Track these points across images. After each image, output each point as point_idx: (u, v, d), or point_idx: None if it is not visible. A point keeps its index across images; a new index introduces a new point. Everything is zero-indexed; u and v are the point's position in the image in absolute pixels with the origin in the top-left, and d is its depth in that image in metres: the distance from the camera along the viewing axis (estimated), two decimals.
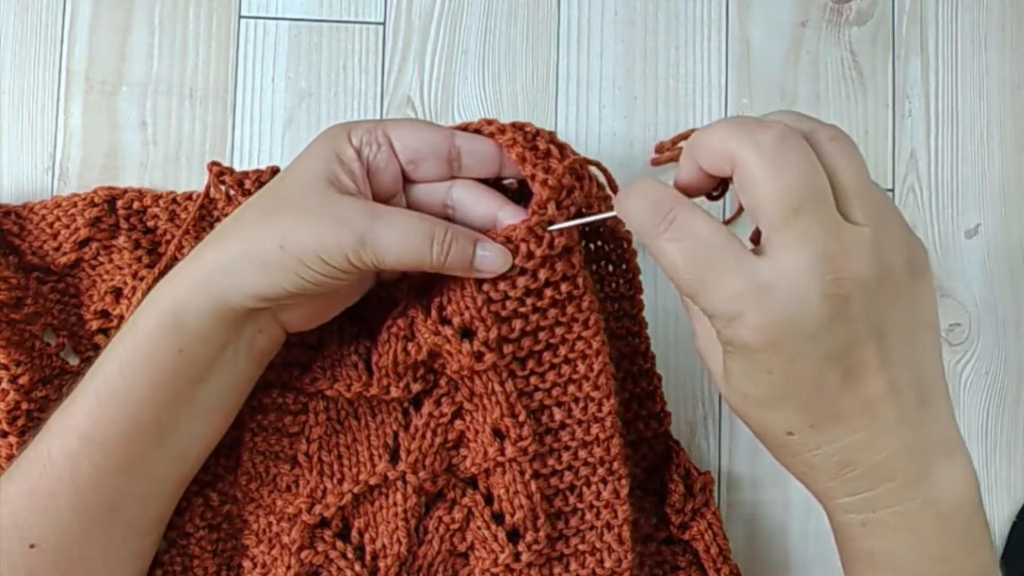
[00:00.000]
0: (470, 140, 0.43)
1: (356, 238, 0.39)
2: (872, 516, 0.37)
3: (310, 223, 0.39)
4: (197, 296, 0.40)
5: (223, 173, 0.48)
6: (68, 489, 0.40)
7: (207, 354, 0.41)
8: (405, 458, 0.46)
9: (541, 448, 0.46)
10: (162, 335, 0.40)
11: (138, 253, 0.50)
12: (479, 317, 0.43)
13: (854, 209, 0.34)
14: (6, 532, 0.40)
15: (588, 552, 0.48)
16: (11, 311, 0.49)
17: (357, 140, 0.42)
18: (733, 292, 0.34)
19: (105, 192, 0.51)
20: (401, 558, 0.46)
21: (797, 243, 0.33)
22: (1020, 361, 0.56)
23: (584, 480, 0.47)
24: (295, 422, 0.47)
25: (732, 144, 0.34)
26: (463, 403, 0.46)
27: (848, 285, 0.34)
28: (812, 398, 0.35)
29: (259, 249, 0.40)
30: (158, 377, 0.41)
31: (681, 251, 0.35)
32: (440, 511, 0.47)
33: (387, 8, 0.55)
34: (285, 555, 0.46)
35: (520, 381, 0.45)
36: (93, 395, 0.41)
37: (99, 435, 0.40)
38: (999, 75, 0.58)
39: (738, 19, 0.57)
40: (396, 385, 0.45)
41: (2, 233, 0.51)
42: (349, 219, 0.39)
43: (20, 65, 0.53)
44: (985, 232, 0.57)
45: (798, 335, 0.34)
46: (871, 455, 0.36)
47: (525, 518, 0.46)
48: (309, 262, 0.39)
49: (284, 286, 0.40)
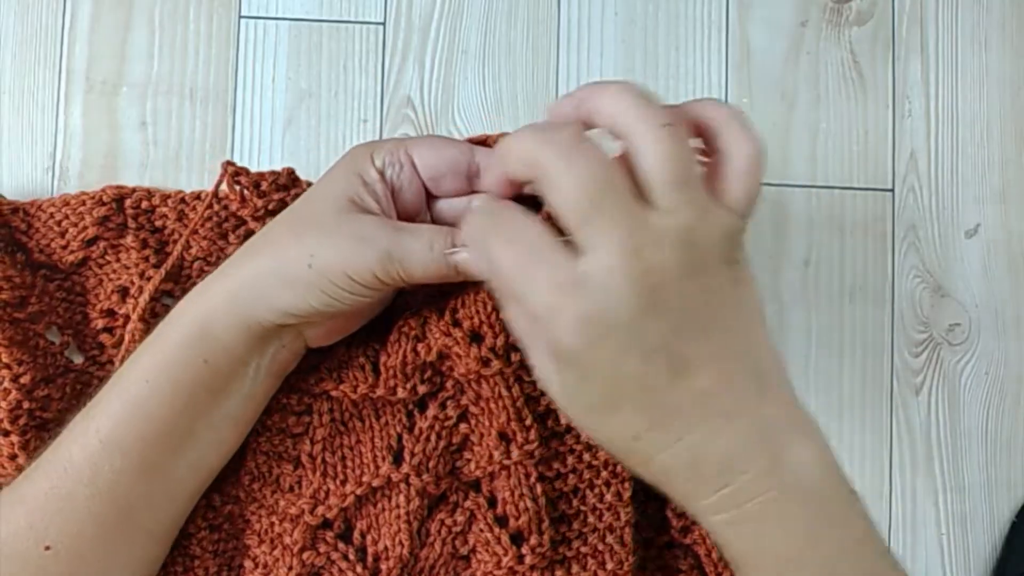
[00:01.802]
0: (490, 156, 0.43)
1: (381, 255, 0.40)
2: (737, 513, 0.37)
3: (337, 243, 0.40)
4: (225, 310, 0.41)
5: (239, 173, 0.48)
6: (86, 491, 0.41)
7: (230, 367, 0.42)
8: (409, 460, 0.46)
9: (547, 452, 0.47)
10: (188, 345, 0.42)
11: (145, 252, 0.50)
12: (488, 323, 0.44)
13: (660, 198, 0.34)
14: (22, 533, 0.41)
15: (590, 555, 0.48)
16: (15, 310, 0.49)
17: (380, 161, 0.42)
18: (550, 286, 0.34)
19: (113, 191, 0.51)
20: (403, 560, 0.46)
21: (600, 238, 0.33)
22: (1020, 361, 0.56)
23: (588, 483, 0.47)
24: (299, 423, 0.47)
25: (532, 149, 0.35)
26: (468, 406, 0.47)
27: (658, 276, 0.33)
28: (645, 398, 0.35)
29: (288, 267, 0.41)
30: (181, 385, 0.42)
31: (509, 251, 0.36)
32: (442, 514, 0.47)
33: (387, 8, 0.55)
34: (287, 556, 0.46)
35: (527, 386, 0.46)
36: (116, 400, 0.42)
37: (119, 438, 0.41)
38: (999, 75, 0.58)
39: (738, 19, 0.57)
40: (403, 386, 0.46)
41: (10, 230, 0.51)
42: (373, 237, 0.40)
43: (20, 65, 0.53)
44: (985, 232, 0.57)
45: (614, 330, 0.34)
46: (717, 449, 0.36)
47: (530, 521, 0.46)
48: (336, 280, 0.40)
49: (311, 303, 0.41)
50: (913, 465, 0.56)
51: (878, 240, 0.56)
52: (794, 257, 0.56)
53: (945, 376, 0.56)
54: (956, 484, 0.56)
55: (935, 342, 0.56)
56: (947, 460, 0.56)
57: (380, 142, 0.44)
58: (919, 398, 0.56)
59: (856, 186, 0.57)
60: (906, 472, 0.55)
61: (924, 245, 0.57)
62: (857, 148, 0.57)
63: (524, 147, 0.35)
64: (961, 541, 0.55)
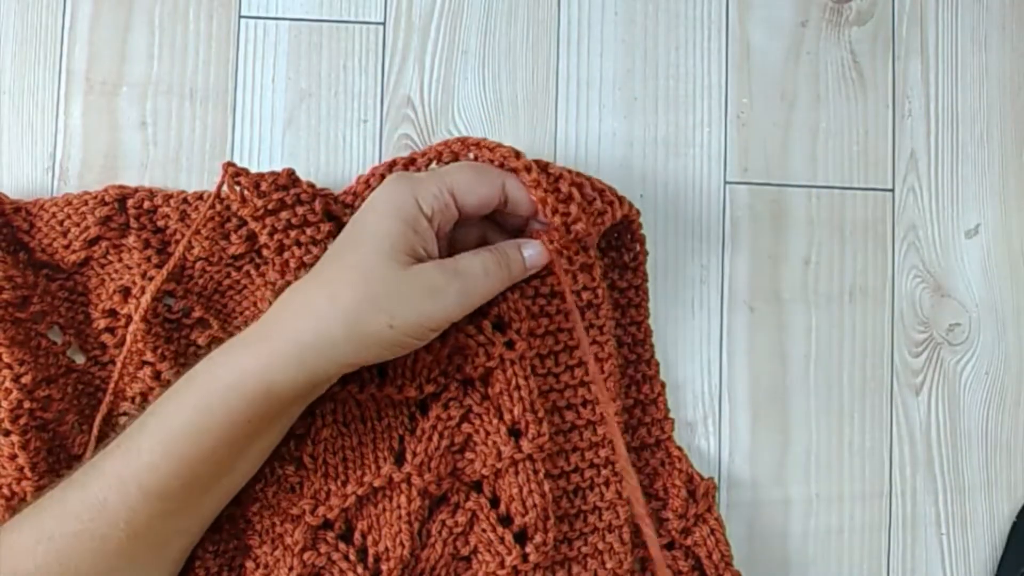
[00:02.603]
0: (518, 190, 0.47)
1: (457, 300, 0.44)
2: None
3: (413, 304, 0.43)
4: (293, 375, 0.42)
5: (239, 174, 0.48)
6: (122, 534, 0.41)
7: (281, 413, 0.44)
8: (411, 460, 0.46)
9: (553, 448, 0.47)
10: (248, 406, 0.42)
11: (147, 253, 0.50)
12: (515, 309, 0.46)
13: None
14: (53, 567, 0.41)
15: (590, 555, 0.48)
16: (16, 310, 0.49)
17: (428, 208, 0.44)
18: None
19: (116, 191, 0.51)
20: (404, 561, 0.46)
21: None
22: (1020, 361, 0.56)
23: (589, 482, 0.48)
24: (301, 424, 0.47)
25: None
26: (472, 407, 0.47)
27: None
28: None
29: (365, 332, 0.42)
30: (234, 444, 0.43)
31: None
32: (443, 514, 0.47)
33: (387, 8, 0.55)
34: (288, 556, 0.46)
35: (539, 380, 0.47)
36: (160, 453, 0.41)
37: (160, 488, 0.41)
38: (999, 75, 0.58)
39: (738, 19, 0.57)
40: (410, 385, 0.46)
41: (12, 229, 0.51)
42: (444, 288, 0.44)
43: (20, 65, 0.53)
44: (985, 232, 0.57)
45: None
46: None
47: (536, 518, 0.46)
48: (418, 336, 0.43)
49: (386, 356, 0.44)
50: (913, 465, 0.56)
51: (878, 240, 0.56)
52: (794, 257, 0.56)
53: (945, 376, 0.56)
54: (956, 484, 0.56)
55: (935, 342, 0.56)
56: (947, 460, 0.56)
57: (421, 181, 0.45)
58: (919, 398, 0.56)
59: (856, 186, 0.57)
60: (906, 472, 0.55)
61: (924, 245, 0.57)
62: (857, 148, 0.57)
63: None
64: (961, 541, 0.55)
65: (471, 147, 0.48)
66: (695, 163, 0.56)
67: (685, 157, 0.56)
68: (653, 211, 0.55)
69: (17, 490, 0.47)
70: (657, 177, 0.56)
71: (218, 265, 0.51)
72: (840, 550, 0.55)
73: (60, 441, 0.49)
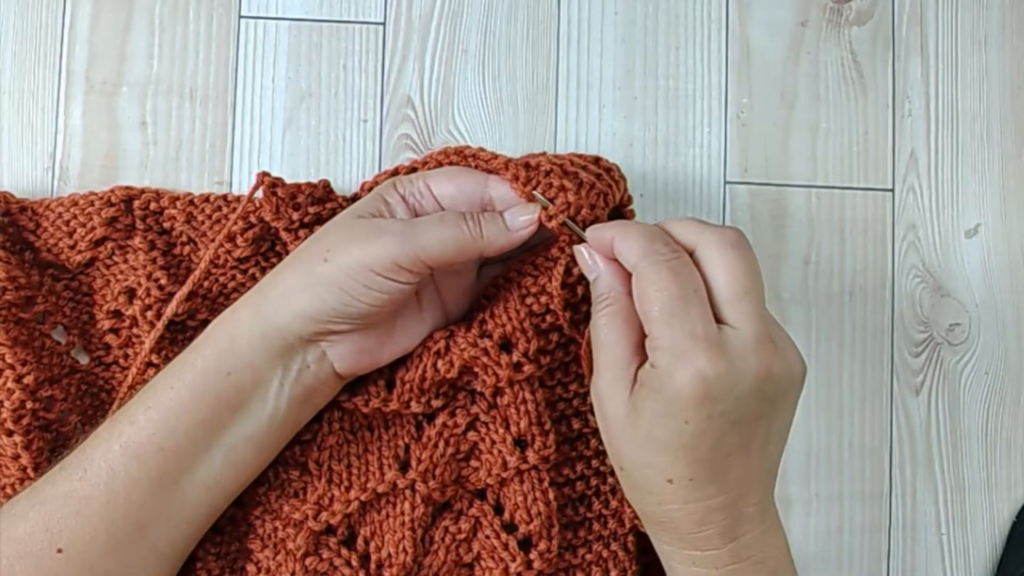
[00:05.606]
0: (501, 187, 0.46)
1: (397, 239, 0.42)
2: (715, 573, 0.41)
3: (353, 235, 0.43)
4: (250, 323, 0.43)
5: (275, 184, 0.48)
6: (102, 496, 0.42)
7: (253, 382, 0.43)
8: (415, 467, 0.46)
9: (559, 457, 0.47)
10: (214, 357, 0.43)
11: (153, 254, 0.50)
12: (521, 329, 0.45)
13: None
14: (39, 534, 0.41)
15: (594, 562, 0.48)
16: (20, 310, 0.49)
17: (402, 189, 0.45)
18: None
19: (122, 192, 0.51)
20: (406, 567, 0.46)
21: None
22: (1020, 361, 0.57)
23: (594, 490, 0.48)
24: (308, 430, 0.47)
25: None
26: (479, 415, 0.47)
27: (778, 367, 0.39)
28: (706, 455, 0.39)
29: (306, 268, 0.43)
30: (203, 398, 0.43)
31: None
32: (447, 521, 0.47)
33: (387, 8, 0.55)
34: (290, 561, 0.46)
35: (547, 391, 0.47)
36: (142, 407, 0.43)
37: (137, 444, 0.42)
38: (999, 75, 0.58)
39: (738, 19, 0.57)
40: (417, 400, 0.46)
41: (18, 229, 0.51)
42: (387, 227, 0.43)
43: (20, 65, 0.53)
44: (985, 232, 0.57)
45: (730, 396, 0.38)
46: (726, 518, 0.40)
47: (541, 526, 0.46)
48: (354, 273, 0.42)
49: (330, 303, 0.42)
50: (913, 465, 0.56)
51: (878, 240, 0.56)
52: (794, 257, 0.56)
53: (945, 376, 0.56)
54: (956, 484, 0.56)
55: (935, 342, 0.56)
56: (947, 460, 0.56)
57: (401, 176, 0.47)
58: (919, 398, 0.56)
59: (856, 186, 0.57)
60: (906, 472, 0.55)
61: (924, 245, 0.57)
62: (857, 148, 0.57)
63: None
64: (961, 541, 0.55)
65: (468, 157, 0.47)
66: (695, 163, 0.56)
67: (685, 157, 0.56)
68: (653, 211, 0.55)
69: (20, 490, 0.47)
70: (657, 177, 0.56)
71: (223, 268, 0.51)
72: (840, 550, 0.55)
73: (63, 442, 0.49)
